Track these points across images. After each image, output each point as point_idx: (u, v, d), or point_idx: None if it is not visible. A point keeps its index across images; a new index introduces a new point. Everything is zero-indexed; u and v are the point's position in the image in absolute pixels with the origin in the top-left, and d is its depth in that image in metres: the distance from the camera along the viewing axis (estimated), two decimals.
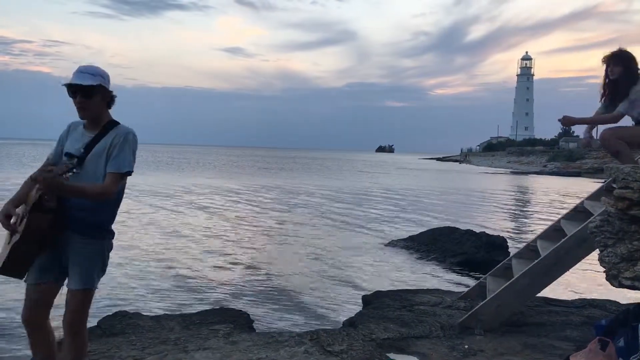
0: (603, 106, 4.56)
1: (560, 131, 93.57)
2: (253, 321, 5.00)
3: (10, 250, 2.47)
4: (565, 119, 4.51)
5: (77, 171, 2.27)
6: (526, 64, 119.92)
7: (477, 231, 9.95)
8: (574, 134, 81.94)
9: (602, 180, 7.56)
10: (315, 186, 27.33)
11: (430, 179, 38.85)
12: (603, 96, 4.54)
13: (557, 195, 25.96)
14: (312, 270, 8.37)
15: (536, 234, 5.58)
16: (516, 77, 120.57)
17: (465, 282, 7.70)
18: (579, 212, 4.91)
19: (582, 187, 29.31)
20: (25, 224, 2.41)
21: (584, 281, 7.90)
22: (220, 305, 5.89)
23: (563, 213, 5.48)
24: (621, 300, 5.58)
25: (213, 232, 11.71)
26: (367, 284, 7.43)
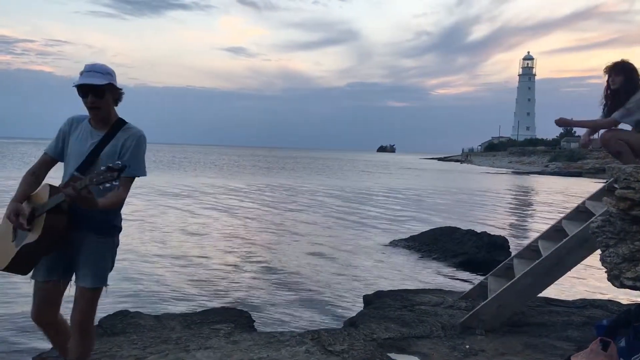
0: (604, 115, 4.59)
1: (561, 131, 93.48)
2: (254, 321, 5.00)
3: (19, 250, 2.48)
4: (560, 120, 4.68)
5: (116, 184, 2.23)
6: (528, 64, 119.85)
7: (479, 231, 9.94)
8: (576, 134, 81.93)
9: (604, 180, 7.56)
10: (316, 186, 27.33)
11: (431, 179, 38.84)
12: (605, 106, 4.56)
13: (559, 195, 25.94)
14: (313, 269, 8.38)
15: (537, 234, 5.58)
16: (518, 77, 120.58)
17: (466, 282, 7.70)
18: (581, 212, 4.91)
19: (584, 188, 29.29)
20: (44, 224, 2.41)
21: (585, 281, 7.89)
22: (221, 304, 5.89)
23: (564, 213, 5.47)
24: (623, 300, 5.59)
25: (214, 232, 11.72)
26: (368, 284, 7.43)
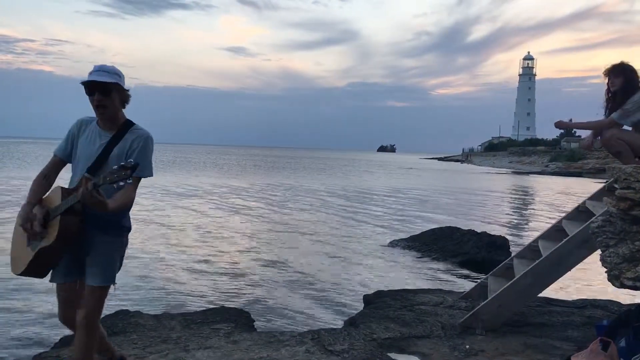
0: (605, 117, 4.55)
1: (562, 131, 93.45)
2: (254, 320, 5.00)
3: (36, 253, 2.51)
4: (558, 123, 4.71)
5: (130, 182, 2.28)
6: (528, 64, 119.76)
7: (479, 231, 9.95)
8: (576, 134, 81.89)
9: (604, 180, 7.54)
10: (317, 185, 27.34)
11: (432, 179, 38.84)
12: (606, 109, 4.54)
13: (559, 195, 25.94)
14: (313, 269, 8.38)
15: (538, 234, 5.57)
16: (518, 77, 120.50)
17: (466, 282, 7.70)
18: (581, 212, 4.91)
19: (584, 188, 29.28)
20: (59, 227, 2.44)
21: (586, 281, 7.89)
22: (221, 304, 5.89)
23: (565, 213, 5.47)
24: (623, 300, 5.58)
25: (213, 232, 11.72)
26: (368, 284, 7.43)
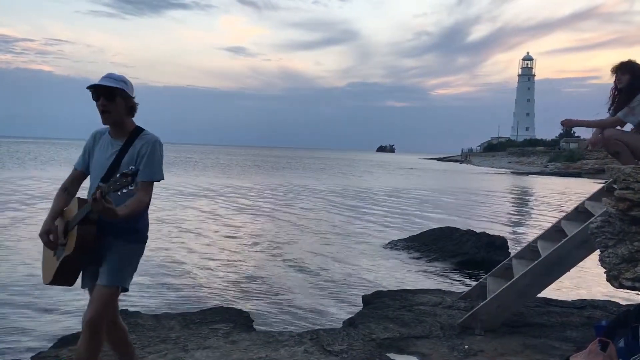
0: (610, 115, 4.52)
1: (561, 132, 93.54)
2: (253, 321, 5.00)
3: (60, 262, 2.62)
4: (565, 121, 4.68)
5: (132, 188, 2.33)
6: (527, 64, 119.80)
7: (478, 231, 9.94)
8: (575, 135, 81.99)
9: (603, 180, 7.55)
10: (317, 185, 27.34)
11: (430, 179, 38.86)
12: (611, 106, 4.53)
13: (558, 195, 25.96)
14: (313, 269, 8.37)
15: (537, 235, 5.58)
16: (517, 78, 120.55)
17: (465, 283, 7.70)
18: (580, 213, 4.91)
19: (583, 188, 29.31)
20: (77, 236, 2.53)
21: (585, 282, 7.90)
22: (220, 304, 5.89)
23: (564, 214, 5.47)
24: (621, 301, 5.59)
25: (213, 232, 11.72)
26: (367, 284, 7.43)
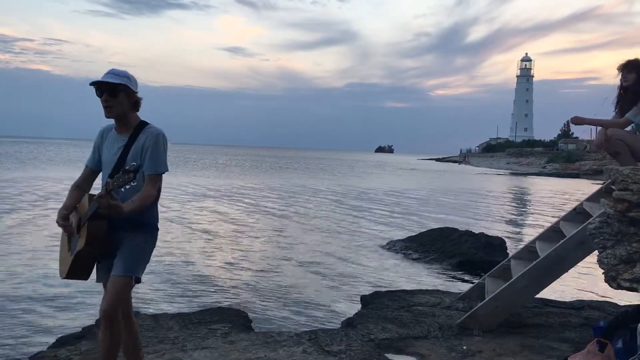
0: (617, 114, 4.47)
1: (559, 132, 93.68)
2: (251, 321, 4.99)
3: (74, 257, 2.68)
4: (575, 119, 4.55)
5: (135, 184, 2.41)
6: (526, 65, 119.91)
7: (476, 232, 9.95)
8: (573, 136, 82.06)
9: (601, 181, 7.56)
10: (316, 186, 27.34)
11: (429, 180, 38.86)
12: (617, 104, 4.46)
13: (556, 196, 25.98)
14: (311, 270, 8.38)
15: (535, 235, 5.58)
16: (516, 79, 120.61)
17: (463, 283, 7.71)
18: (578, 214, 4.92)
19: (581, 189, 29.35)
20: (87, 232, 2.59)
21: (583, 283, 7.91)
22: (218, 305, 5.89)
23: (562, 214, 5.48)
24: (620, 301, 5.60)
25: (212, 232, 11.71)
26: (366, 285, 7.43)
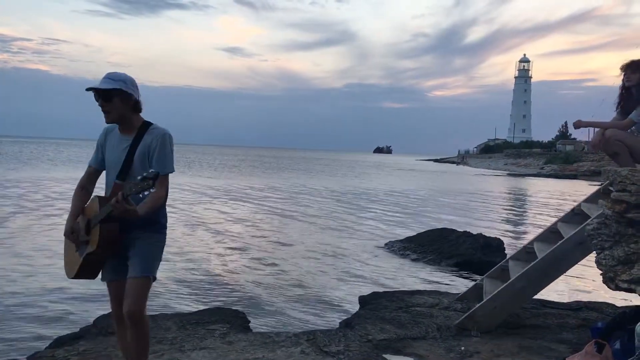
0: (618, 114, 4.44)
1: (557, 134, 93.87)
2: (249, 321, 4.99)
3: (84, 258, 2.73)
4: (577, 123, 4.55)
5: (154, 190, 2.44)
6: (524, 66, 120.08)
7: (474, 232, 9.95)
8: (571, 137, 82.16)
9: (599, 182, 7.56)
10: (315, 186, 27.33)
11: (427, 180, 38.89)
12: (618, 105, 4.43)
13: (554, 197, 26.02)
14: (309, 270, 8.37)
15: (533, 236, 5.59)
16: (514, 80, 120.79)
17: (461, 284, 7.70)
18: (576, 215, 4.92)
19: (579, 190, 29.40)
20: (100, 235, 2.63)
21: (581, 283, 7.92)
22: (216, 305, 5.88)
23: (560, 215, 5.48)
24: (618, 302, 5.60)
25: (210, 232, 11.70)
26: (364, 285, 7.43)
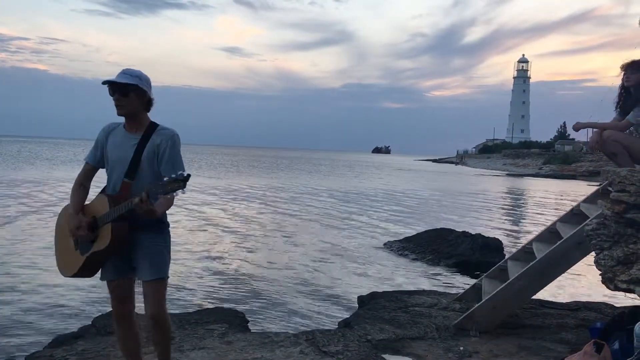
0: (618, 114, 4.42)
1: (556, 134, 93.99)
2: (248, 321, 4.99)
3: (88, 257, 2.74)
4: (576, 125, 4.56)
5: (184, 192, 2.46)
6: (522, 67, 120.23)
7: (473, 233, 9.96)
8: (570, 137, 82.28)
9: (597, 183, 7.58)
10: (314, 186, 27.34)
11: (426, 181, 38.91)
12: (618, 105, 4.42)
13: (553, 197, 26.05)
14: (308, 270, 8.37)
15: (532, 236, 5.59)
16: (512, 80, 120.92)
17: (460, 284, 7.71)
18: (575, 215, 4.92)
19: (578, 190, 29.43)
20: (112, 234, 2.64)
21: (579, 284, 7.93)
22: (215, 305, 5.88)
23: (559, 216, 5.49)
24: (616, 303, 5.61)
25: (209, 232, 11.69)
26: (363, 285, 7.43)
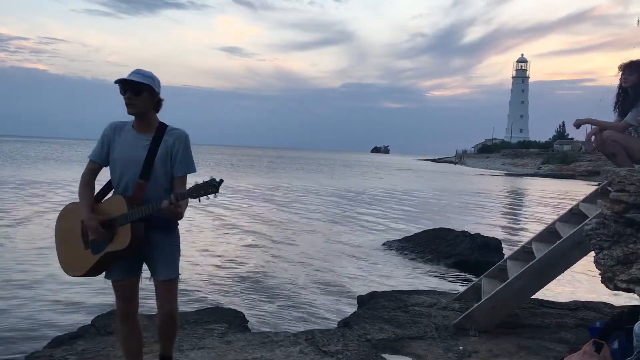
0: (618, 115, 4.44)
1: (554, 134, 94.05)
2: (248, 321, 4.99)
3: (102, 256, 2.75)
4: (577, 121, 4.57)
5: (216, 197, 2.50)
6: (521, 67, 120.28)
7: (472, 232, 9.97)
8: (568, 137, 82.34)
9: (596, 182, 7.58)
10: (314, 186, 27.33)
11: (425, 180, 38.92)
12: (616, 105, 4.44)
13: (552, 197, 26.06)
14: (308, 270, 8.37)
15: (531, 236, 5.59)
16: (511, 80, 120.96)
17: (460, 284, 7.72)
18: (574, 215, 4.93)
19: (577, 190, 29.46)
20: (132, 234, 2.66)
21: (579, 283, 7.93)
22: (215, 304, 5.87)
23: (558, 215, 5.49)
24: (615, 302, 5.62)
25: (208, 232, 11.69)
26: (362, 285, 7.43)
